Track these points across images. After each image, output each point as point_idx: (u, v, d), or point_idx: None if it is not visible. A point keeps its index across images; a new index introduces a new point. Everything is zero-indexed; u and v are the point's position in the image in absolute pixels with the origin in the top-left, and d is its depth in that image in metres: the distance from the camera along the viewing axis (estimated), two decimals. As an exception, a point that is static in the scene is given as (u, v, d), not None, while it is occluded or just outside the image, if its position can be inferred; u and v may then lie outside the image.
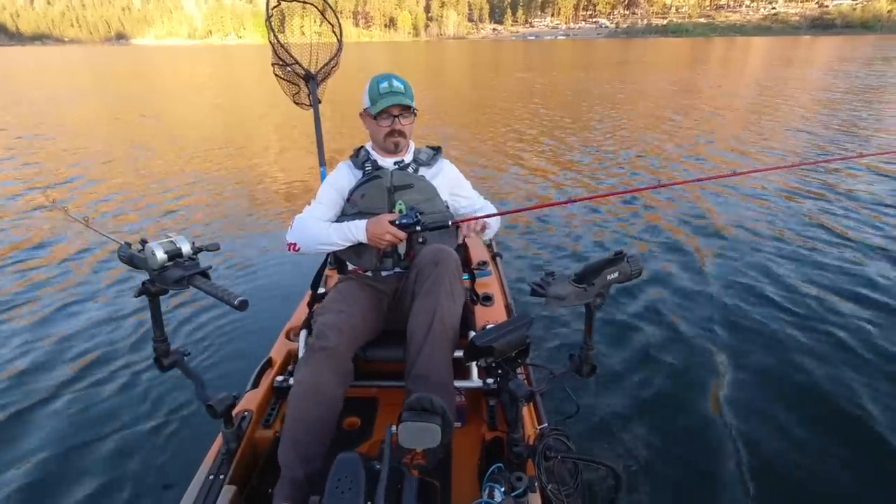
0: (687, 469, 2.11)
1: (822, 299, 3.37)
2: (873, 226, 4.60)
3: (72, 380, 2.76)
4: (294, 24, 2.75)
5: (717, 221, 4.83)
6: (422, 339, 1.57)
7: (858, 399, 2.47)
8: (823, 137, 8.35)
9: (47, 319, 3.38)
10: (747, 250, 4.17)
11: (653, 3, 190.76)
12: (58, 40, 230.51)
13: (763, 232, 4.54)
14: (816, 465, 2.11)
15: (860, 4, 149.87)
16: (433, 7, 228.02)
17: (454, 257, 1.75)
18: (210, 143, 9.41)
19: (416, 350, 1.58)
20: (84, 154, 8.48)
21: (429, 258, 1.72)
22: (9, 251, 4.50)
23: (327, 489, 1.22)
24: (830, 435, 2.28)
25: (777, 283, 3.61)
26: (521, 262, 4.14)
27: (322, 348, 1.59)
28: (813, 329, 3.05)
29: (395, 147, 1.92)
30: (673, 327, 3.10)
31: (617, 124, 10.41)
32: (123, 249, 1.28)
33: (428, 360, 1.54)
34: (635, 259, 1.32)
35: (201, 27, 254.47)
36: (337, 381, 1.58)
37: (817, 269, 3.81)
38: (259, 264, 4.15)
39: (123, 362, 2.90)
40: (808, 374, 2.66)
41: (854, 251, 4.07)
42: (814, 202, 5.29)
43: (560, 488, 1.34)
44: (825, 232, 4.49)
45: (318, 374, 1.55)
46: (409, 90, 1.87)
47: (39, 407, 2.57)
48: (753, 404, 2.46)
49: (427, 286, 1.66)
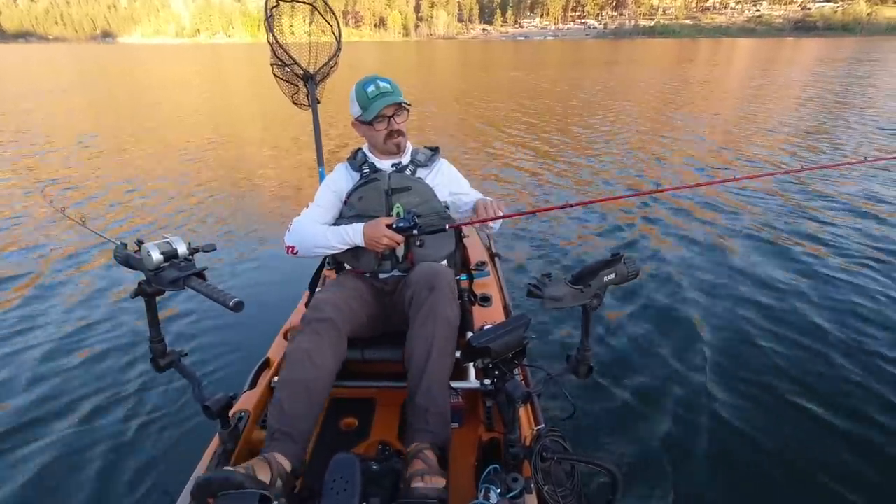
0: (683, 470, 2.13)
1: (822, 302, 3.40)
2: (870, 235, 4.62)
3: (68, 381, 2.75)
4: (293, 24, 2.74)
5: (716, 224, 4.86)
6: (420, 371, 1.57)
7: (859, 400, 2.49)
8: (829, 142, 8.32)
9: (43, 320, 3.36)
10: (749, 253, 4.19)
11: (640, 5, 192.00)
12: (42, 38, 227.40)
13: (762, 235, 4.56)
14: (815, 468, 2.13)
15: (841, 8, 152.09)
16: (423, 7, 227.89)
17: (448, 279, 1.74)
18: (206, 142, 9.37)
19: (415, 381, 1.58)
20: (82, 154, 8.42)
21: (423, 282, 1.69)
22: (4, 250, 4.47)
23: (324, 489, 1.22)
24: (829, 437, 2.30)
25: (777, 287, 3.63)
26: (520, 262, 4.14)
27: (317, 319, 1.62)
28: (814, 330, 3.08)
29: (398, 147, 1.92)
30: (671, 329, 3.13)
31: (615, 124, 10.47)
32: (119, 250, 1.28)
33: (427, 392, 1.54)
34: (632, 261, 1.33)
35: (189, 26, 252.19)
36: (331, 351, 1.60)
37: (817, 271, 3.83)
38: (257, 265, 4.14)
39: (120, 363, 2.89)
40: (808, 375, 2.69)
41: (853, 260, 4.04)
42: (811, 203, 5.32)
43: (556, 489, 1.35)
44: (825, 236, 4.49)
45: (312, 343, 1.58)
46: (397, 87, 1.87)
47: (35, 408, 2.55)
48: (751, 406, 2.48)
49: (423, 313, 1.64)
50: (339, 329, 1.65)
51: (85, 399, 2.60)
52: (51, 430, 2.40)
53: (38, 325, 3.30)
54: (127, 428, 2.39)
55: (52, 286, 3.83)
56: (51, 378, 2.77)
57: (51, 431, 2.39)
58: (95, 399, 2.60)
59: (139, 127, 11.01)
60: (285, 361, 1.58)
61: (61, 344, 3.09)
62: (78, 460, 2.22)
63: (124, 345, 3.06)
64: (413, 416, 1.53)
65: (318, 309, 1.66)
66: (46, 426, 2.43)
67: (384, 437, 1.80)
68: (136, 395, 2.62)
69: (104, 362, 2.90)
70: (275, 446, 1.41)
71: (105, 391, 2.66)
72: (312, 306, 1.69)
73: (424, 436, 1.48)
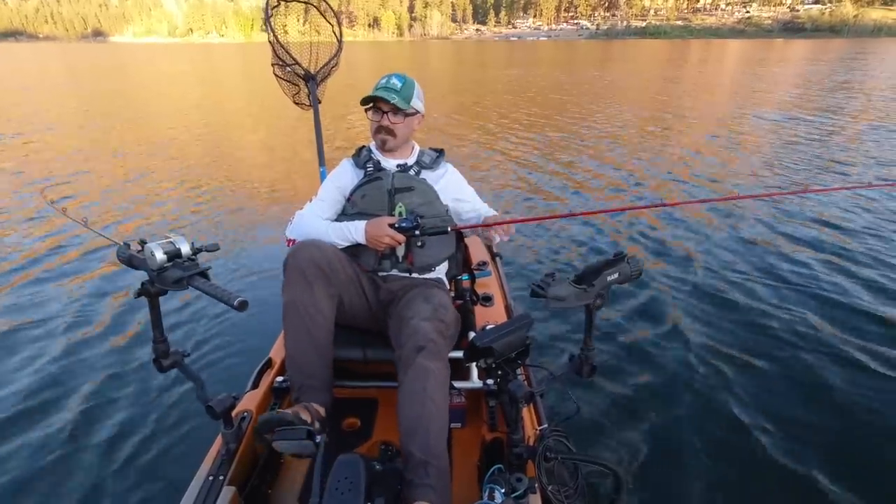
0: (687, 470, 2.13)
1: (824, 302, 3.42)
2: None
3: (70, 381, 2.73)
4: (294, 24, 2.74)
5: (726, 225, 4.85)
6: (414, 425, 1.44)
7: (860, 400, 2.50)
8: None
9: (46, 320, 3.34)
10: (750, 256, 4.19)
11: (632, 6, 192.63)
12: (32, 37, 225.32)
13: (769, 235, 4.57)
14: (820, 468, 2.13)
15: (828, 9, 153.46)
16: (417, 7, 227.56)
17: (440, 330, 1.61)
18: (207, 141, 9.34)
19: (409, 433, 1.45)
20: (79, 153, 8.35)
21: (410, 342, 1.55)
22: (7, 252, 4.43)
23: (327, 490, 1.22)
24: (833, 437, 2.30)
25: (787, 285, 3.64)
26: (522, 262, 4.14)
27: (294, 266, 1.67)
28: (818, 331, 3.08)
29: (383, 144, 1.92)
30: (675, 329, 3.13)
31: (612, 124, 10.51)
32: (122, 250, 1.27)
33: (424, 446, 1.41)
34: (635, 260, 1.33)
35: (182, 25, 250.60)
36: (322, 292, 1.68)
37: (817, 277, 3.81)
38: (259, 264, 4.12)
39: (123, 363, 2.87)
40: (811, 374, 2.70)
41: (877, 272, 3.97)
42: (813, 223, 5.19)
43: (560, 489, 1.35)
44: (845, 243, 4.44)
45: (303, 291, 1.65)
46: (407, 91, 1.86)
47: (37, 408, 2.54)
48: (756, 405, 2.49)
49: (411, 376, 1.50)
50: (323, 272, 1.68)
51: (87, 399, 2.59)
52: (52, 429, 2.38)
53: (39, 325, 3.28)
54: (129, 428, 2.38)
55: (52, 286, 3.81)
56: (52, 378, 2.76)
57: (52, 431, 2.37)
58: (98, 399, 2.58)
59: (139, 127, 10.94)
60: (284, 316, 1.67)
61: (63, 344, 3.07)
62: (80, 461, 2.21)
63: (127, 345, 3.04)
64: (411, 471, 1.40)
65: (295, 256, 1.69)
66: (48, 426, 2.41)
67: (387, 438, 1.80)
68: (139, 395, 2.60)
69: (106, 363, 2.88)
70: (306, 397, 1.62)
71: (107, 392, 2.64)
72: (291, 254, 1.70)
73: (427, 492, 1.36)
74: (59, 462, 2.21)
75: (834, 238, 4.52)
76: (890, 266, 3.95)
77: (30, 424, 2.43)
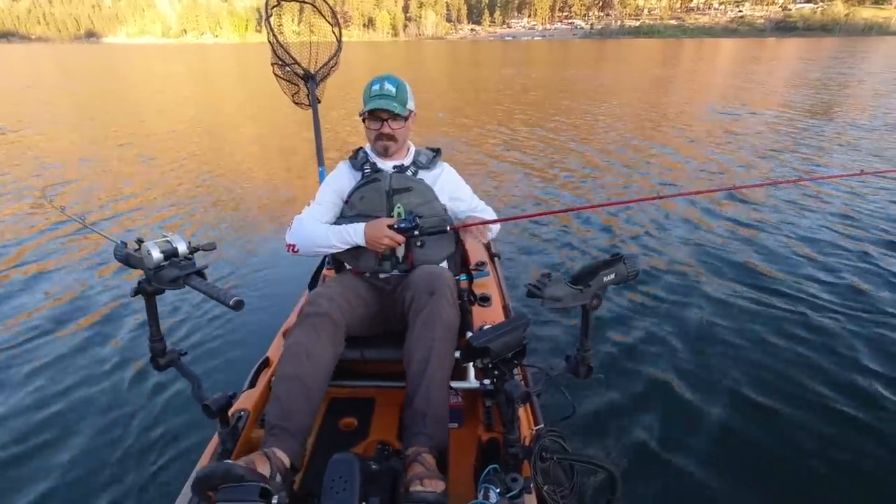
0: (682, 469, 2.13)
1: (824, 301, 3.44)
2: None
3: (66, 379, 2.73)
4: (293, 23, 2.73)
5: (723, 224, 4.88)
6: (419, 375, 1.57)
7: (859, 400, 2.51)
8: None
9: (42, 318, 3.34)
10: (756, 252, 4.21)
11: (626, 5, 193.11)
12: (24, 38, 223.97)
13: (769, 235, 4.59)
14: (814, 466, 2.14)
15: (820, 8, 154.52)
16: (412, 7, 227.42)
17: (449, 282, 1.75)
18: (205, 141, 9.32)
19: (414, 384, 1.57)
20: (77, 153, 8.32)
21: (424, 286, 1.69)
22: (4, 250, 4.43)
23: (323, 489, 1.21)
24: (828, 436, 2.31)
25: (784, 287, 3.64)
26: (520, 262, 4.15)
27: (315, 314, 1.63)
28: (818, 331, 3.10)
29: (385, 151, 1.92)
30: (671, 329, 3.14)
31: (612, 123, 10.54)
32: (119, 249, 1.27)
33: (425, 396, 1.54)
34: (632, 261, 1.33)
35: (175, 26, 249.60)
36: (328, 346, 1.61)
37: (817, 276, 3.83)
38: (256, 264, 4.12)
39: (119, 362, 2.87)
40: (813, 376, 2.70)
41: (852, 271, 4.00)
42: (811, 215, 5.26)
43: (556, 489, 1.36)
44: (847, 244, 4.44)
45: (309, 337, 1.59)
46: (403, 94, 1.86)
47: (34, 407, 2.53)
48: (751, 405, 2.50)
49: (424, 317, 1.64)
50: (336, 324, 1.65)
51: (83, 399, 2.59)
52: (49, 429, 2.38)
53: (36, 323, 3.28)
54: (126, 427, 2.38)
55: (49, 284, 3.82)
56: (48, 377, 2.75)
57: (48, 431, 2.37)
58: (94, 398, 2.58)
59: (137, 126, 10.90)
60: (282, 356, 1.58)
61: (59, 342, 3.07)
62: (76, 459, 2.21)
63: (123, 344, 3.04)
64: (411, 419, 1.52)
65: (315, 303, 1.66)
66: (44, 425, 2.41)
67: (383, 437, 1.80)
68: (135, 394, 2.60)
69: (103, 362, 2.88)
70: (273, 441, 1.41)
71: (104, 391, 2.64)
72: (309, 301, 1.69)
73: (422, 440, 1.47)
74: (55, 461, 2.21)
75: (834, 225, 4.58)
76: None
77: (24, 423, 2.42)
